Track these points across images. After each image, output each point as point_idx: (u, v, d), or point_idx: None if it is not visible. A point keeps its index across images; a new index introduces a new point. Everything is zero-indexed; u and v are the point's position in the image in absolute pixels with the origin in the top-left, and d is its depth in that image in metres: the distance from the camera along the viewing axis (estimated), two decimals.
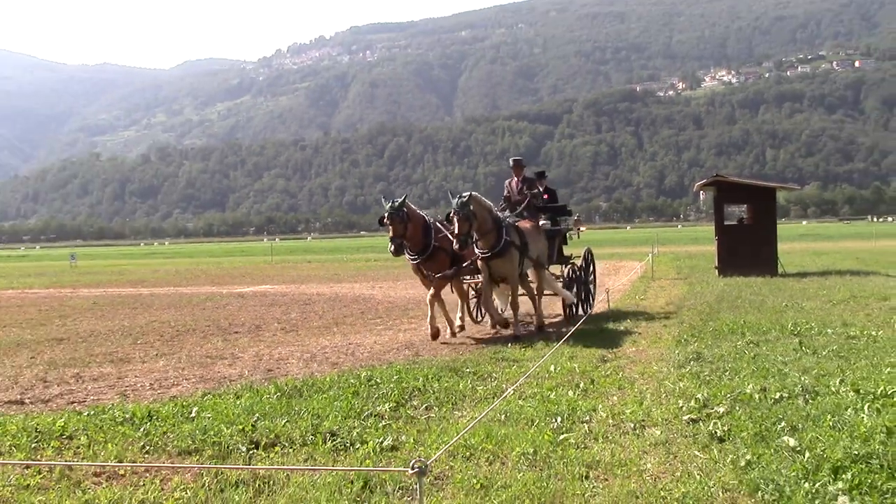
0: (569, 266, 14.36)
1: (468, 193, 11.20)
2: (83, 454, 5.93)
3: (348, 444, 5.99)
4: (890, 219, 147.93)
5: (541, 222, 13.78)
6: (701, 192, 43.68)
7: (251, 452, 5.87)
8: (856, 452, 5.12)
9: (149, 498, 4.92)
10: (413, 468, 3.58)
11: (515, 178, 13.95)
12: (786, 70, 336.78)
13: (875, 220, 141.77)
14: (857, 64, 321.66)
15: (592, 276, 15.54)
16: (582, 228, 15.79)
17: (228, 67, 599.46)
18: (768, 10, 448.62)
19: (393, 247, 11.34)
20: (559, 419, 6.52)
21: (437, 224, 12.34)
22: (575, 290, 14.17)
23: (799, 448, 5.37)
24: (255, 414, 6.81)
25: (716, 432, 5.93)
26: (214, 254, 73.50)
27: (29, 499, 4.93)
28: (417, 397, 7.56)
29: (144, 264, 50.84)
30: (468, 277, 13.03)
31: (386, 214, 11.36)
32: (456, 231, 10.94)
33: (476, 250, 11.61)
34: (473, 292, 14.33)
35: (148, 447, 6.05)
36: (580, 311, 14.36)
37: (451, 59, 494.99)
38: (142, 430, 6.43)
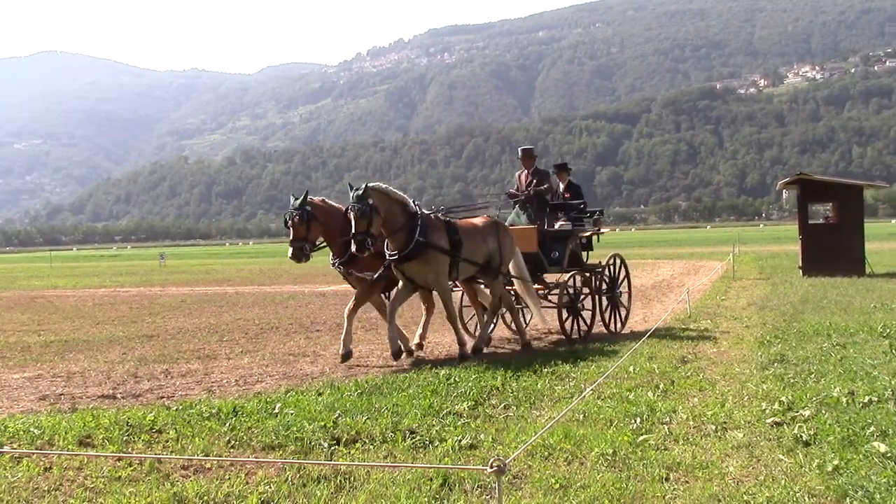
0: (572, 275, 11.92)
1: (367, 184, 9.53)
2: (172, 448, 6.12)
3: (427, 442, 6.05)
4: None
5: (558, 224, 12.37)
6: (784, 190, 42.48)
7: (332, 448, 5.97)
8: None
9: (234, 491, 5.05)
10: (492, 467, 3.60)
11: (525, 171, 12.67)
12: (873, 65, 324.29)
13: None
14: None
15: (623, 289, 13.27)
16: (604, 230, 14.04)
17: (310, 71, 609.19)
18: (854, 3, 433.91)
19: (291, 251, 10.03)
20: (638, 420, 6.46)
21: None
22: (588, 304, 12.20)
23: (890, 454, 5.21)
24: (337, 411, 6.93)
25: (801, 436, 5.79)
26: None
27: (121, 490, 5.11)
28: (496, 396, 7.58)
29: (230, 263, 51.95)
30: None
31: (286, 215, 10.07)
32: (353, 230, 9.36)
33: (387, 253, 9.92)
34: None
35: (233, 442, 6.21)
36: (576, 330, 11.72)
37: (529, 60, 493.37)
38: (227, 425, 6.61)
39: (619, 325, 12.81)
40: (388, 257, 9.86)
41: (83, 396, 8.46)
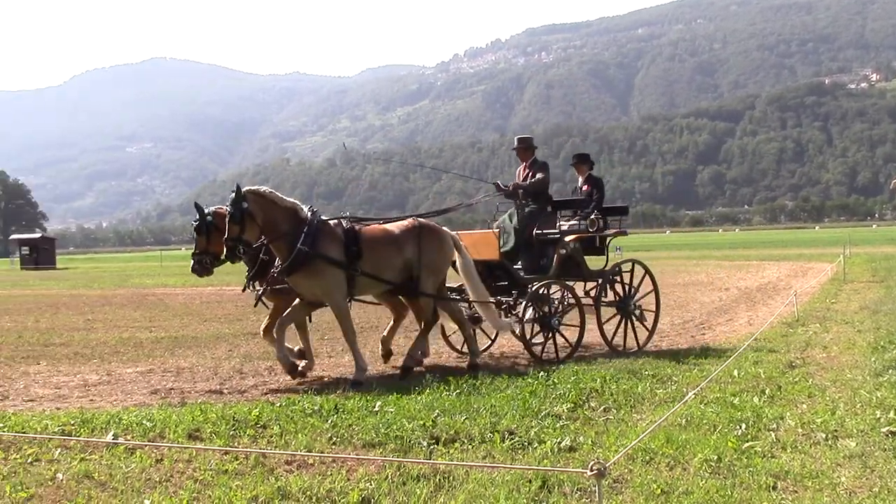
0: (543, 285, 10.23)
1: (246, 188, 8.84)
2: (276, 443, 6.27)
3: (526, 443, 6.03)
4: None
5: (566, 223, 10.93)
6: None
7: (432, 447, 6.01)
8: None
9: (336, 487, 5.13)
10: (592, 470, 3.56)
11: (522, 164, 11.27)
12: None
13: None
14: None
15: (644, 301, 11.48)
16: (605, 232, 11.36)
17: (408, 73, 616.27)
18: None
19: (193, 264, 9.37)
20: (743, 426, 6.28)
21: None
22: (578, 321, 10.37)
23: None
24: (436, 410, 6.97)
25: None
26: None
27: (227, 483, 5.26)
28: (595, 398, 7.50)
29: None
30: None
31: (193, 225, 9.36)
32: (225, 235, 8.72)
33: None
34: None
35: (335, 438, 6.32)
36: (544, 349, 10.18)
37: (627, 58, 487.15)
38: (329, 422, 6.73)
39: (633, 341, 10.97)
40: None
41: (192, 391, 8.76)
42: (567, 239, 10.62)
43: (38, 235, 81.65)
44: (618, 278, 11.25)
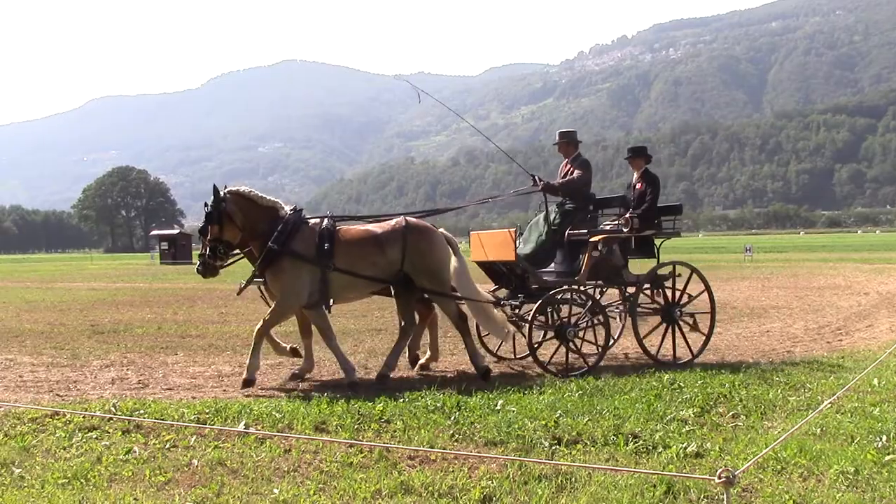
0: (559, 291, 9.54)
1: (227, 189, 8.98)
2: (399, 438, 6.36)
3: (650, 447, 5.91)
4: None
5: (610, 223, 10.29)
6: None
7: (553, 448, 5.97)
8: None
9: (457, 484, 5.16)
10: (720, 477, 3.45)
11: (566, 160, 10.57)
12: None
13: None
14: None
15: (694, 306, 10.50)
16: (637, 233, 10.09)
17: (532, 72, 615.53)
18: None
19: (199, 265, 9.26)
20: (884, 438, 5.96)
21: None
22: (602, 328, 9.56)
23: None
24: (558, 410, 6.92)
25: None
26: None
27: (352, 475, 5.38)
28: (723, 404, 7.28)
29: None
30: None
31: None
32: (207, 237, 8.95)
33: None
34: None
35: (457, 435, 6.36)
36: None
37: (760, 53, 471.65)
38: (451, 418, 6.78)
39: (685, 350, 10.14)
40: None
41: (318, 384, 8.98)
42: (594, 240, 9.81)
43: (175, 231, 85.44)
44: (663, 283, 10.24)
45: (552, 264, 10.24)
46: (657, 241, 10.37)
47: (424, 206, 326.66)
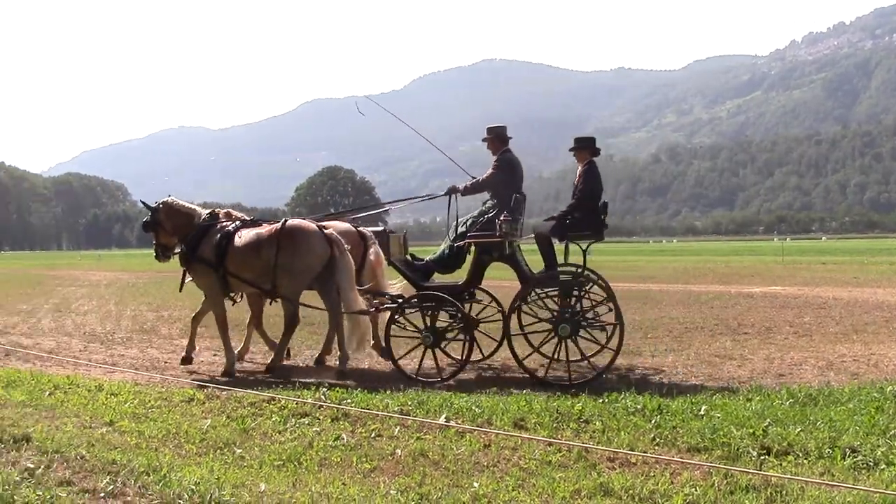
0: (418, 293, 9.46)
1: (158, 201, 10.35)
2: (598, 438, 6.30)
3: (871, 464, 5.51)
4: None
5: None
6: None
7: (762, 458, 5.71)
8: None
9: (659, 489, 5.04)
10: None
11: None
12: None
13: None
14: None
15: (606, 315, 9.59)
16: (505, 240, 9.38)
17: (738, 64, 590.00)
18: None
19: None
20: None
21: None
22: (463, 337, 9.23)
23: None
24: (767, 419, 6.60)
25: None
26: (721, 252, 72.66)
27: (550, 474, 5.38)
28: None
29: (653, 261, 51.99)
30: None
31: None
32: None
33: None
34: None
35: (658, 439, 6.21)
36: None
37: None
38: (652, 422, 6.64)
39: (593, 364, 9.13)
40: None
41: (515, 382, 9.02)
42: (458, 244, 9.61)
43: (380, 228, 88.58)
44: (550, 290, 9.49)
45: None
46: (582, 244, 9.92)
47: (624, 203, 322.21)
